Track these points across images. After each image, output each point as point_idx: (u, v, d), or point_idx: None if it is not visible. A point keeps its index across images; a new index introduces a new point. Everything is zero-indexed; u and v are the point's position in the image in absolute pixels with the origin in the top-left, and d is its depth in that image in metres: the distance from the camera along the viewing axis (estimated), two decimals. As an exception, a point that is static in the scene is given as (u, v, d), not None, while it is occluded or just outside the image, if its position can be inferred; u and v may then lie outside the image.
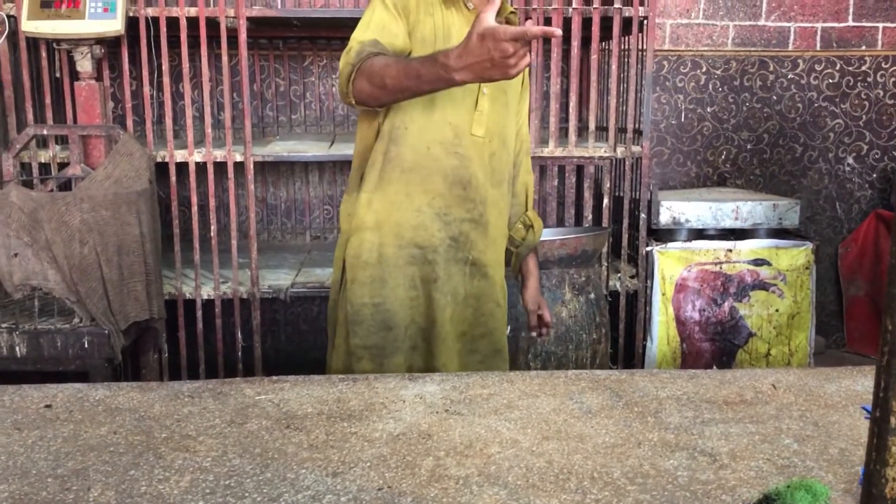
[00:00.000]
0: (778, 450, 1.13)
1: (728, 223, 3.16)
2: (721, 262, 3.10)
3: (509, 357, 1.95)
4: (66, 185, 2.69)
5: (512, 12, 1.85)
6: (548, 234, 2.64)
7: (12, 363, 2.31)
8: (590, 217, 3.05)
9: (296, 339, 3.77)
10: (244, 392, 1.37)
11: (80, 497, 1.00)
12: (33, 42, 2.75)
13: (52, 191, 2.62)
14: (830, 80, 3.80)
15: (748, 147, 3.85)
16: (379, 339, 1.79)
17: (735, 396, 1.35)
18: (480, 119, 1.78)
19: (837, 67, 3.79)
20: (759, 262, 3.12)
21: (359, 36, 1.69)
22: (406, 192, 1.77)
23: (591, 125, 3.03)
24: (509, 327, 2.24)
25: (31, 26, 2.57)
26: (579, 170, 3.23)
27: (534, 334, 2.04)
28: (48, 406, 1.32)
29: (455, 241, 1.81)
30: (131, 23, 2.71)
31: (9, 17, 2.67)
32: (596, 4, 2.91)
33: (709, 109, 3.81)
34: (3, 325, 2.31)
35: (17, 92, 2.77)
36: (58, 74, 2.84)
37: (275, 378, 1.45)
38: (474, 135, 1.78)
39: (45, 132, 2.70)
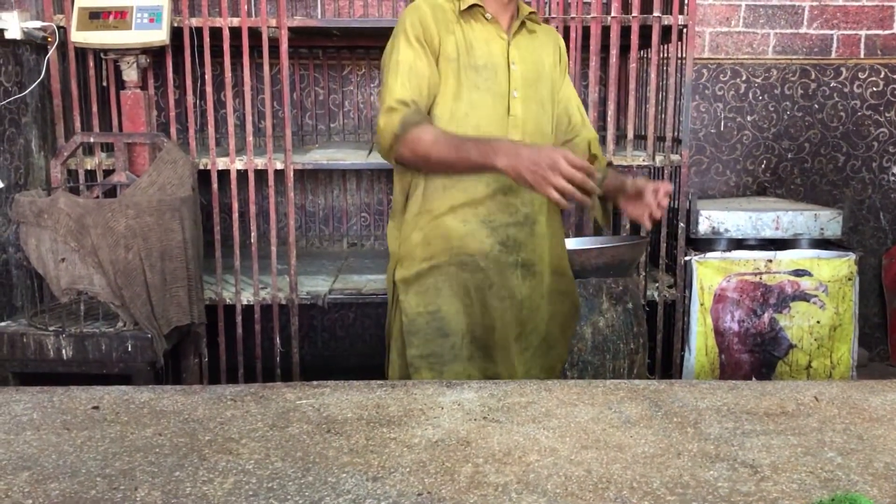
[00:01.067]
0: (821, 463, 1.12)
1: (768, 233, 3.12)
2: (761, 273, 3.07)
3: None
4: (111, 192, 2.75)
5: (532, 13, 1.86)
6: (585, 244, 2.64)
7: (59, 365, 2.37)
8: (627, 226, 3.04)
9: (332, 344, 3.80)
10: (285, 396, 1.39)
11: (128, 496, 1.03)
12: (81, 52, 2.82)
13: (97, 197, 2.68)
14: (875, 89, 3.74)
15: (789, 156, 3.80)
16: (436, 348, 1.80)
17: (776, 408, 1.34)
18: (516, 123, 1.79)
19: (882, 75, 3.73)
20: (799, 273, 3.07)
21: (393, 89, 1.72)
22: (450, 205, 1.79)
23: (630, 134, 3.02)
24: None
25: (80, 37, 2.64)
26: (617, 178, 3.21)
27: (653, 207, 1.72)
28: (96, 407, 1.35)
29: (504, 246, 1.82)
30: (176, 33, 2.77)
31: (59, 27, 2.74)
32: (635, 13, 2.90)
33: (749, 118, 3.77)
34: (51, 328, 2.37)
35: (65, 100, 2.85)
36: (104, 83, 2.91)
37: (315, 383, 1.47)
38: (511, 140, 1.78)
39: (91, 140, 2.76)
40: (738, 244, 3.16)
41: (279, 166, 2.92)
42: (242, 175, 3.03)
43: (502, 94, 1.79)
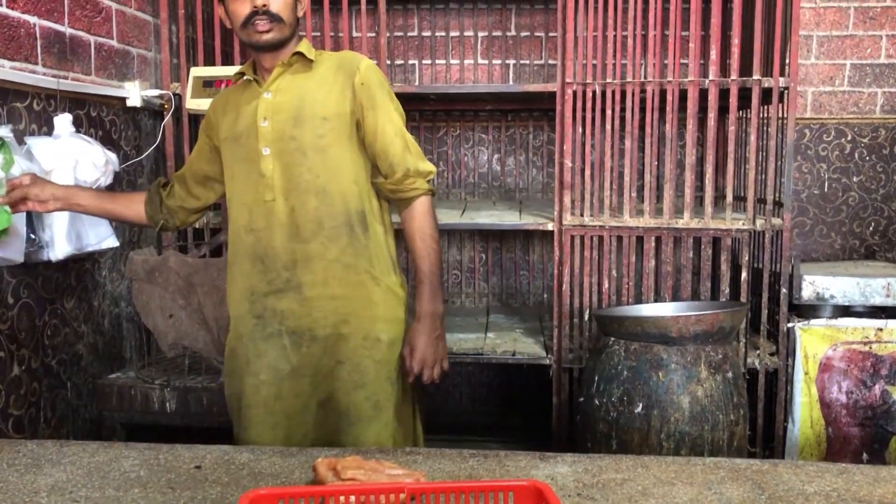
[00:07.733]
0: (943, 562, 1.05)
1: (878, 300, 2.98)
2: (871, 342, 2.92)
3: (639, 437, 1.85)
4: (216, 250, 2.87)
5: (298, 52, 1.82)
6: (682, 309, 2.59)
7: (163, 418, 2.46)
8: (727, 291, 2.95)
9: (423, 401, 3.80)
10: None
11: (228, 561, 1.05)
12: (194, 117, 2.98)
13: (204, 255, 2.80)
14: None
15: (900, 219, 3.64)
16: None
17: (892, 496, 1.26)
18: (268, 183, 1.78)
19: None
20: (914, 343, 2.91)
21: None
22: (233, 282, 1.87)
23: (729, 196, 2.95)
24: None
25: (194, 104, 2.80)
26: (715, 241, 3.14)
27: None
28: (198, 467, 1.40)
29: (260, 318, 1.83)
30: (282, 99, 2.89)
31: (174, 95, 2.92)
32: (734, 76, 2.87)
33: (855, 179, 3.64)
34: (156, 382, 2.47)
35: (178, 163, 3.00)
36: (214, 147, 3.06)
37: (408, 449, 1.48)
38: (266, 201, 1.78)
39: (200, 200, 2.89)
40: (845, 311, 3.02)
41: (375, 227, 2.98)
42: (340, 234, 3.11)
43: (253, 156, 1.79)
